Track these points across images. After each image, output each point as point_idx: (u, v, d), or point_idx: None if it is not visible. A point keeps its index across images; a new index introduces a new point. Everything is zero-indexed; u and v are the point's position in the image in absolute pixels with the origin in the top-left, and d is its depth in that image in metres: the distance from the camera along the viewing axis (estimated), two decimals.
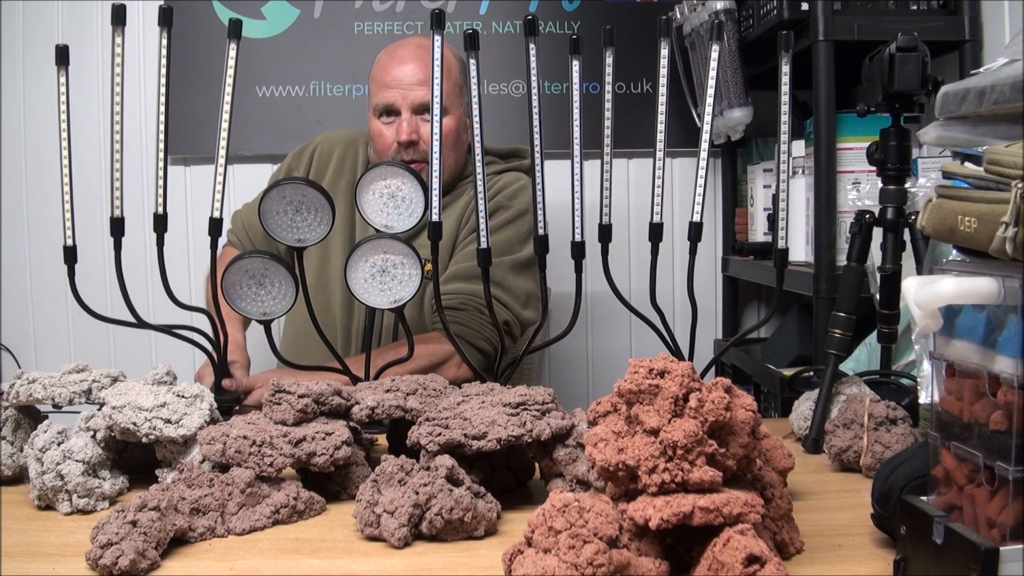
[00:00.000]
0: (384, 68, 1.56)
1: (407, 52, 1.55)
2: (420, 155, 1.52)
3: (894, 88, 1.08)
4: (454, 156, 1.57)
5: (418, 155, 1.52)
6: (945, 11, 1.59)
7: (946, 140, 0.73)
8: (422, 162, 1.50)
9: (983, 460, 0.62)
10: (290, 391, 0.96)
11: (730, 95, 1.85)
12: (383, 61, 1.58)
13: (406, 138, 1.51)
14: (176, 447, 0.96)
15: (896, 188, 1.13)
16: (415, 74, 1.52)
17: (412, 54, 1.55)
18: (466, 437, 0.86)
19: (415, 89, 1.52)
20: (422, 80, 1.52)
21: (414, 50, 1.55)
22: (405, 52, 1.55)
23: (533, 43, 1.09)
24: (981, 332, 0.63)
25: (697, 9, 1.86)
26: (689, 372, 0.70)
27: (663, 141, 1.12)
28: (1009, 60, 0.68)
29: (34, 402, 1.01)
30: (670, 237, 2.14)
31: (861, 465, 1.00)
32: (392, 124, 1.54)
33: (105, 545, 0.73)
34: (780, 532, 0.76)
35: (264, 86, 2.13)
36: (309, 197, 1.15)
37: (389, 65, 1.55)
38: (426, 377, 1.05)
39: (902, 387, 1.20)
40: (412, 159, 1.51)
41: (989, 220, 0.59)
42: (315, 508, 0.90)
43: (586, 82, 1.14)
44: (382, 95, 1.53)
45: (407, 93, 1.52)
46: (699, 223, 1.14)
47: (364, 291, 1.16)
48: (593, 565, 0.63)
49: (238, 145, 2.10)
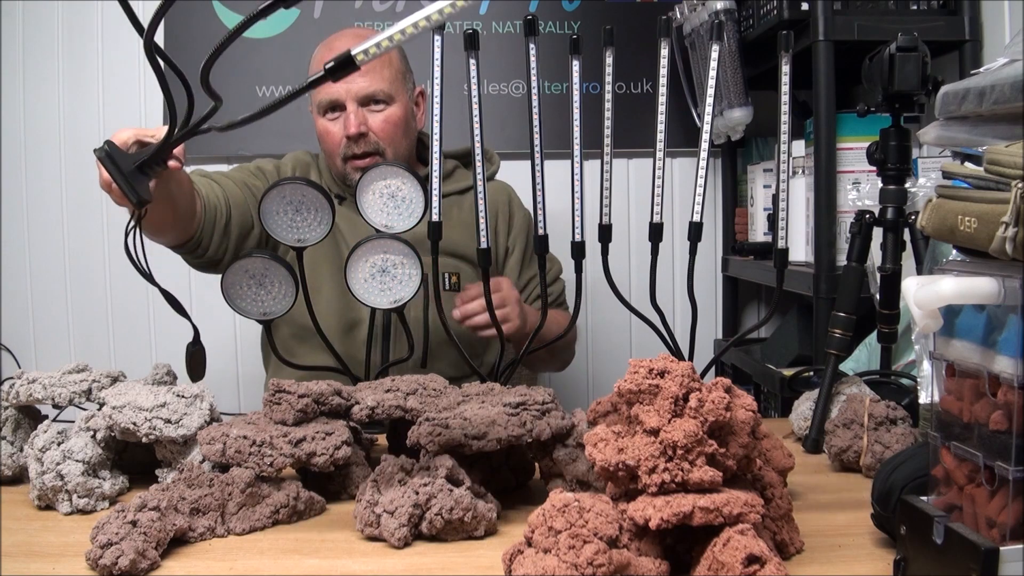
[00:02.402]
0: (322, 62, 1.48)
1: (344, 43, 1.44)
2: (371, 147, 1.47)
3: (894, 88, 1.08)
4: (406, 143, 1.52)
5: (369, 147, 1.47)
6: (945, 11, 1.59)
7: (946, 140, 0.73)
8: (374, 154, 1.47)
9: (983, 460, 0.62)
10: (290, 391, 0.96)
11: (730, 95, 1.85)
12: (321, 55, 1.49)
13: (355, 131, 1.45)
14: (176, 447, 0.96)
15: (896, 188, 1.13)
16: None
17: (350, 43, 1.47)
18: (466, 437, 0.86)
19: (357, 80, 1.44)
20: (364, 70, 1.46)
21: (352, 39, 1.46)
22: (343, 43, 1.45)
23: (533, 43, 1.09)
24: (981, 332, 0.63)
25: (697, 9, 1.86)
26: (689, 372, 0.70)
27: (663, 141, 1.12)
28: (1009, 60, 0.68)
29: (34, 402, 1.01)
30: (670, 237, 2.14)
31: (861, 465, 1.00)
32: (338, 120, 1.48)
33: (105, 545, 0.73)
34: (780, 532, 0.76)
35: (264, 86, 2.13)
36: (309, 197, 1.15)
37: (328, 57, 1.47)
38: (426, 377, 1.05)
39: (902, 387, 1.20)
40: (364, 151, 1.47)
41: (989, 220, 0.59)
42: (315, 508, 0.90)
43: (586, 82, 1.14)
44: (324, 90, 1.45)
45: (350, 86, 1.45)
46: (699, 223, 1.14)
47: (364, 291, 1.15)
48: (593, 565, 0.63)
49: (238, 145, 2.10)
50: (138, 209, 1.01)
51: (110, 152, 0.97)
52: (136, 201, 0.97)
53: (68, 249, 2.13)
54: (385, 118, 1.48)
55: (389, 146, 1.48)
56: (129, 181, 0.97)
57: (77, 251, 2.12)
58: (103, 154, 0.97)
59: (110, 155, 0.97)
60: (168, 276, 1.16)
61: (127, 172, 0.97)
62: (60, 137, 2.13)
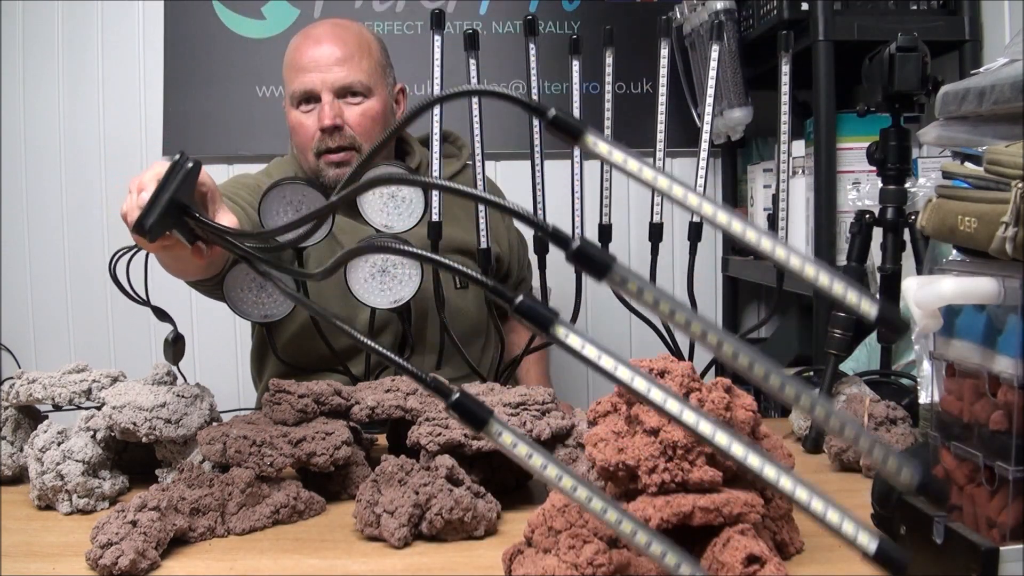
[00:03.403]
0: (298, 50, 1.40)
1: (322, 31, 1.41)
2: (347, 141, 1.37)
3: (894, 88, 1.08)
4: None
5: (344, 141, 1.37)
6: (945, 11, 1.59)
7: (946, 140, 0.73)
8: (350, 149, 1.38)
9: (983, 460, 0.62)
10: (290, 391, 0.96)
11: (730, 95, 1.85)
12: (296, 44, 1.42)
13: (329, 123, 1.36)
14: (176, 447, 0.96)
15: (896, 188, 1.13)
16: (333, 53, 1.37)
17: (328, 32, 1.40)
18: (466, 437, 0.86)
19: (334, 70, 1.36)
20: (341, 59, 1.37)
21: (330, 28, 1.41)
22: (320, 31, 1.41)
23: (533, 43, 1.09)
24: (981, 332, 0.63)
25: (697, 9, 1.86)
26: (689, 372, 0.70)
27: (663, 141, 1.12)
28: (1009, 60, 0.68)
29: (34, 402, 1.01)
30: (670, 237, 2.14)
31: (861, 465, 1.00)
32: (312, 112, 1.38)
33: (105, 545, 0.73)
34: (780, 532, 0.76)
35: (264, 86, 2.13)
36: (309, 197, 1.15)
37: (303, 46, 1.40)
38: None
39: (902, 387, 1.20)
40: (339, 145, 1.37)
41: (989, 220, 0.59)
42: (315, 508, 0.90)
43: (586, 82, 1.13)
44: (299, 80, 1.37)
45: (325, 76, 1.36)
46: (699, 223, 1.14)
47: (364, 291, 1.16)
48: (593, 565, 0.63)
49: (238, 145, 2.10)
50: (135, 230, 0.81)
51: (189, 173, 0.80)
52: (138, 227, 0.80)
53: (68, 249, 2.12)
54: (363, 111, 1.39)
55: (366, 141, 1.39)
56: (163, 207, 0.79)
57: (77, 251, 2.12)
58: (182, 166, 0.80)
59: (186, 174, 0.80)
60: (168, 277, 1.16)
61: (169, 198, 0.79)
62: (60, 137, 2.13)
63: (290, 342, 1.44)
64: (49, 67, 2.13)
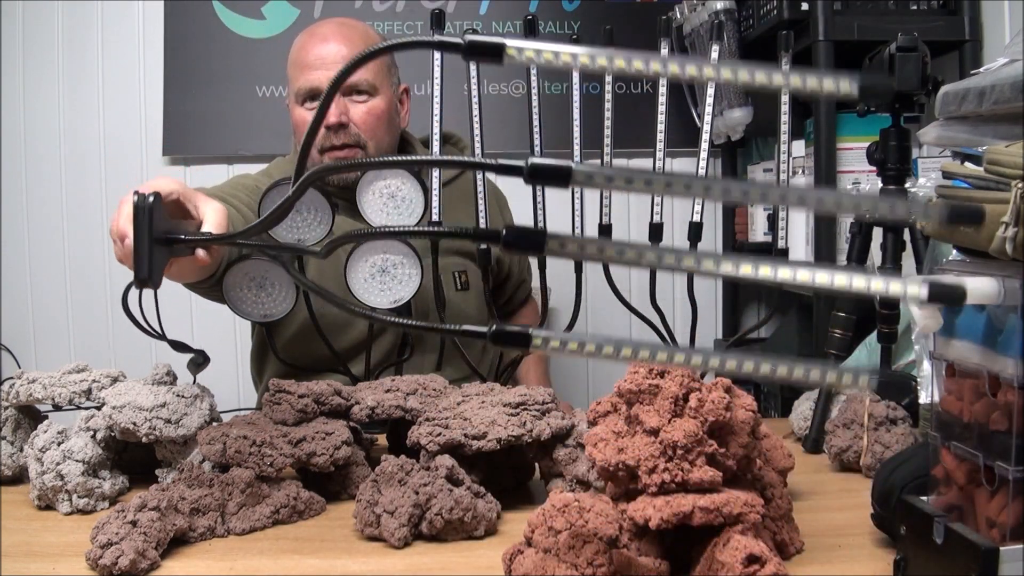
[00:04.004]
0: (304, 48, 1.42)
1: (328, 30, 1.42)
2: (351, 139, 1.38)
3: (894, 88, 1.08)
4: (388, 139, 1.46)
5: (349, 139, 1.38)
6: (945, 11, 1.59)
7: (946, 140, 0.73)
8: (354, 147, 1.39)
9: (983, 460, 0.62)
10: (290, 391, 0.96)
11: (730, 95, 1.85)
12: (302, 42, 1.43)
13: (335, 120, 1.36)
14: (176, 447, 0.96)
15: (896, 188, 1.13)
16: (339, 51, 1.39)
17: (334, 31, 1.42)
18: (466, 437, 0.86)
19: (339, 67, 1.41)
20: (347, 58, 1.34)
21: (336, 27, 1.43)
22: (326, 30, 1.42)
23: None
24: (981, 332, 0.63)
25: (697, 9, 1.86)
26: (689, 372, 0.70)
27: (663, 141, 1.12)
28: (1009, 60, 0.68)
29: (34, 402, 1.01)
30: (670, 237, 2.13)
31: (861, 465, 1.00)
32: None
33: (105, 545, 0.73)
34: (780, 532, 0.76)
35: (264, 86, 2.13)
36: (309, 196, 1.14)
37: (309, 44, 1.41)
38: (426, 377, 1.05)
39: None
40: (344, 143, 1.38)
41: (989, 220, 0.59)
42: (315, 508, 0.90)
43: (586, 82, 1.14)
44: (304, 78, 1.39)
45: (331, 74, 1.41)
46: (699, 223, 1.14)
47: (364, 291, 1.15)
48: (593, 565, 0.63)
49: (238, 145, 2.10)
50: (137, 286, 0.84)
51: (152, 208, 0.81)
52: (138, 280, 0.81)
53: (68, 249, 2.12)
54: (368, 110, 1.41)
55: (371, 139, 1.41)
56: (148, 252, 0.80)
57: (77, 251, 2.12)
58: (144, 207, 0.81)
59: (150, 211, 0.80)
60: (166, 280, 1.16)
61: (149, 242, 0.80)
62: (60, 137, 2.13)
63: (290, 342, 1.44)
64: (49, 67, 2.13)
